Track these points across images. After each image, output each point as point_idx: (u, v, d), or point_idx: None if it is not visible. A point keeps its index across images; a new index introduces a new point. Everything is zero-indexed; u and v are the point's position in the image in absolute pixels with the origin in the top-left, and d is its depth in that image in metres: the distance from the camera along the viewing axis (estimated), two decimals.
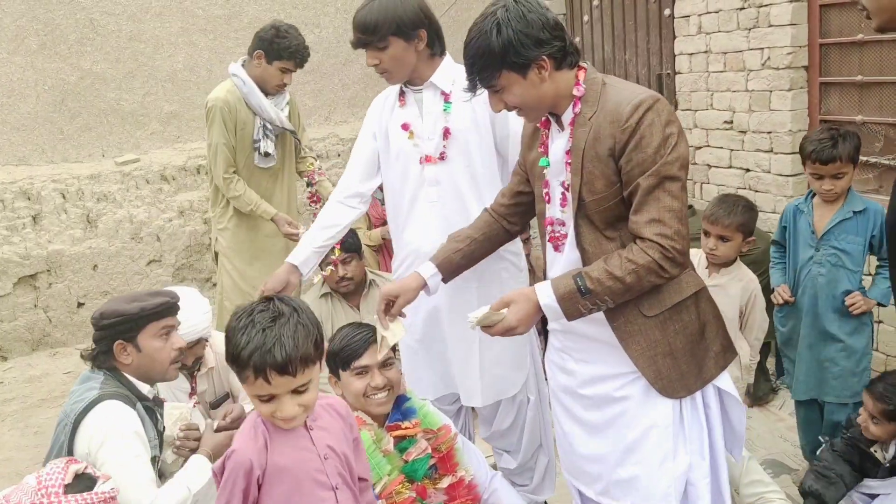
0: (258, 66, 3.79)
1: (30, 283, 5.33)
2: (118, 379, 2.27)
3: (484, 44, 1.80)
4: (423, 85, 2.50)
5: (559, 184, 1.95)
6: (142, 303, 2.27)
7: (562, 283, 1.86)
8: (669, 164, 1.77)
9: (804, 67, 3.86)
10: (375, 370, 2.21)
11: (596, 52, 5.56)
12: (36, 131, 5.52)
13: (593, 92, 1.86)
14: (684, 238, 1.81)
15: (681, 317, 1.92)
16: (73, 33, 5.49)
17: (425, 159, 2.50)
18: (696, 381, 1.95)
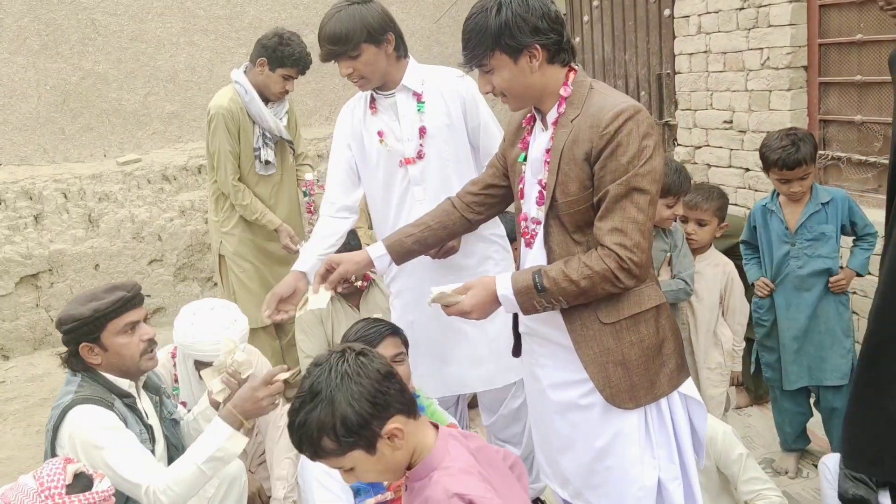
0: (260, 73, 3.79)
1: (32, 282, 5.35)
2: (95, 379, 2.27)
3: (481, 21, 1.82)
4: (395, 89, 2.56)
5: (536, 181, 1.96)
6: (97, 302, 2.24)
7: (521, 277, 1.89)
8: (641, 175, 1.78)
9: (803, 67, 3.88)
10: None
11: (596, 51, 5.57)
12: (38, 131, 5.53)
13: (579, 94, 1.88)
14: (644, 251, 1.82)
15: (638, 328, 1.92)
16: (75, 33, 5.50)
17: (405, 161, 2.55)
18: (647, 396, 1.93)
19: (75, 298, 2.34)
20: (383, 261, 2.25)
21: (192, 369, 2.91)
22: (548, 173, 1.91)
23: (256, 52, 3.79)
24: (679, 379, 2.00)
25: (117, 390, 2.28)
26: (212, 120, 3.79)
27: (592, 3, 5.50)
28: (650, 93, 5.08)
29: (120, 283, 2.36)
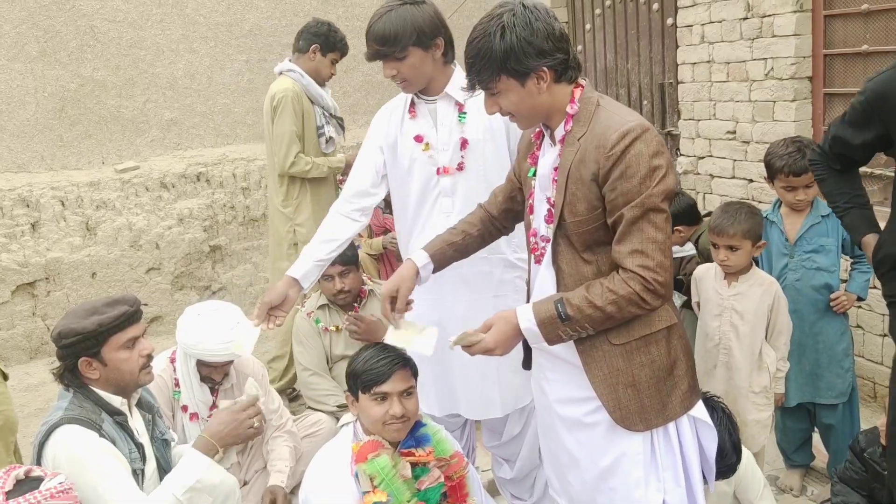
0: (312, 59, 4.04)
1: (28, 290, 5.30)
2: (87, 396, 2.21)
3: (486, 46, 1.77)
4: (437, 96, 2.49)
5: (545, 198, 1.93)
6: (100, 316, 2.19)
7: (542, 307, 1.84)
8: (655, 195, 1.75)
9: (808, 78, 3.84)
10: (395, 398, 2.19)
11: (598, 60, 5.54)
12: (35, 138, 5.50)
13: (586, 112, 1.84)
14: (667, 270, 1.79)
15: (649, 349, 1.88)
16: (74, 40, 5.47)
17: (443, 170, 2.49)
18: (658, 418, 1.90)
19: (73, 311, 2.29)
20: (428, 269, 2.23)
21: (193, 370, 2.90)
22: (556, 192, 1.88)
23: (307, 40, 4.04)
24: (692, 401, 1.96)
25: (109, 408, 2.23)
26: (279, 103, 3.94)
27: (595, 11, 5.47)
28: (653, 102, 5.05)
29: (120, 296, 2.31)
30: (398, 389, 2.19)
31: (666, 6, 4.75)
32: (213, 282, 5.86)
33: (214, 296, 5.83)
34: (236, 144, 6.03)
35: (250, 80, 5.97)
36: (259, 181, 5.84)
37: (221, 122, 5.97)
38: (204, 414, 2.93)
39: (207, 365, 2.85)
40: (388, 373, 2.19)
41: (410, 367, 2.29)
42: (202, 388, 2.91)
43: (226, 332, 2.73)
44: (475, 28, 1.82)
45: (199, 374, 2.90)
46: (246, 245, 5.90)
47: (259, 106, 6.01)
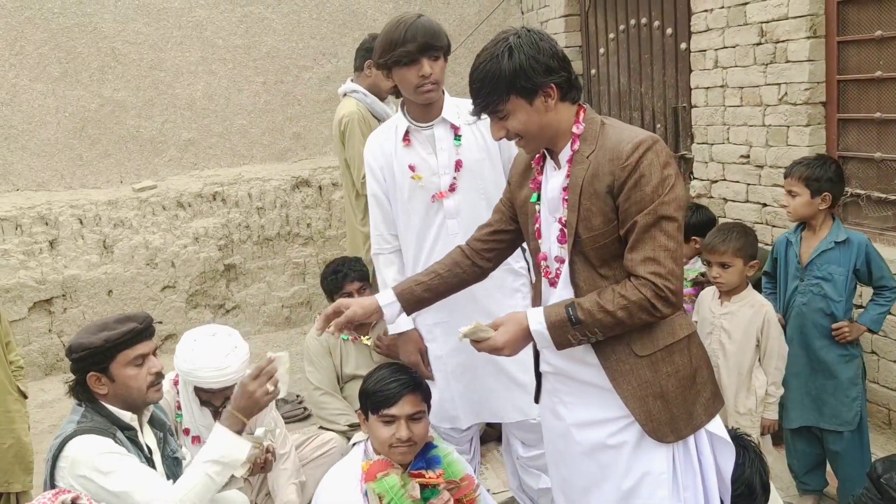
0: (369, 75, 4.04)
1: (45, 307, 5.36)
2: (98, 411, 2.24)
3: (493, 67, 1.81)
4: (433, 121, 2.56)
5: (556, 220, 1.95)
6: (109, 332, 2.22)
7: (553, 311, 1.87)
8: (667, 203, 1.79)
9: (822, 103, 3.84)
10: (403, 422, 2.21)
11: (612, 84, 5.57)
12: (56, 157, 5.59)
13: (592, 131, 1.88)
14: (678, 278, 1.82)
15: (673, 359, 1.91)
16: (95, 61, 5.57)
17: (438, 195, 2.55)
18: (686, 427, 1.92)
19: (87, 327, 2.33)
20: (393, 309, 2.19)
21: (192, 395, 2.90)
22: (568, 211, 1.89)
23: (362, 57, 4.09)
24: (715, 407, 1.99)
25: (120, 423, 2.26)
26: (346, 127, 3.99)
27: (609, 35, 5.51)
28: (666, 126, 5.06)
29: (132, 313, 2.34)
30: (406, 413, 2.20)
31: (679, 31, 4.78)
32: (227, 300, 5.90)
33: (228, 314, 5.87)
34: (252, 164, 6.09)
35: (267, 102, 6.05)
36: (274, 200, 5.89)
37: (238, 143, 6.04)
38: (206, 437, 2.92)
39: (205, 390, 2.85)
40: (398, 396, 2.21)
41: (422, 391, 2.29)
42: (203, 412, 2.90)
43: (220, 360, 2.71)
44: (480, 55, 1.86)
45: (198, 398, 2.90)
46: (260, 264, 5.95)
47: (275, 126, 6.09)
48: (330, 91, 6.18)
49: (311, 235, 6.04)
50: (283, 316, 6.04)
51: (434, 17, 6.45)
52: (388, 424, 2.21)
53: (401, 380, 2.25)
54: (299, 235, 6.01)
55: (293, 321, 6.07)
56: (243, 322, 5.87)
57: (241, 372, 2.78)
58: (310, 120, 6.20)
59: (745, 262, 2.98)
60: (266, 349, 5.64)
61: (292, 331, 5.99)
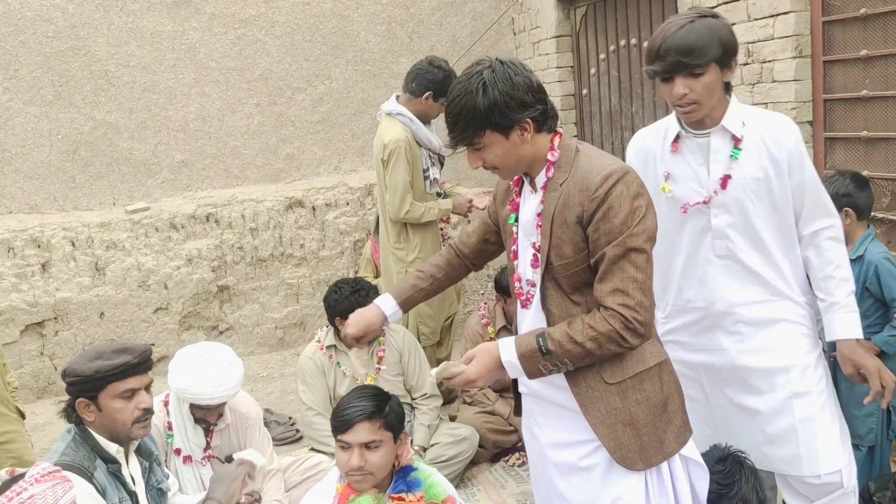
0: (423, 103, 4.06)
1: (37, 330, 5.35)
2: (85, 440, 2.23)
3: (469, 103, 1.82)
4: (712, 128, 2.25)
5: (530, 244, 1.97)
6: (102, 362, 2.22)
7: (524, 341, 1.88)
8: (635, 235, 1.80)
9: (808, 122, 3.88)
10: (356, 450, 2.19)
11: (603, 103, 5.61)
12: (48, 180, 5.59)
13: (566, 158, 1.90)
14: (647, 309, 1.82)
15: (643, 387, 1.91)
16: (88, 84, 5.60)
17: (688, 208, 2.30)
18: (657, 455, 1.92)
19: (85, 352, 2.33)
20: (396, 315, 2.28)
21: (186, 414, 2.90)
22: (541, 237, 1.92)
23: (422, 86, 4.05)
24: (685, 436, 1.98)
25: (104, 454, 2.24)
26: (393, 153, 4.01)
27: (599, 55, 5.56)
28: None
29: (132, 345, 2.32)
30: (359, 441, 2.17)
31: None
32: (221, 322, 5.89)
33: (221, 336, 5.86)
34: (246, 186, 6.11)
35: (260, 123, 6.08)
36: (267, 221, 5.90)
37: (231, 164, 6.06)
38: (198, 456, 2.92)
39: (201, 407, 2.85)
40: (350, 423, 2.17)
41: (383, 418, 2.23)
42: (196, 431, 2.90)
43: (216, 375, 2.74)
44: (454, 87, 1.87)
45: (192, 416, 2.89)
46: (254, 285, 5.94)
47: (269, 148, 6.12)
48: (323, 112, 6.21)
49: (305, 256, 6.05)
50: (277, 337, 6.03)
51: (426, 38, 6.52)
52: (344, 450, 2.20)
53: (359, 406, 2.20)
54: (293, 256, 6.02)
55: (287, 342, 6.06)
56: (237, 343, 5.85)
57: (237, 387, 2.79)
58: (303, 141, 6.23)
59: None
60: (260, 370, 5.64)
61: (286, 352, 5.98)
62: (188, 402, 2.85)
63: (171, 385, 2.80)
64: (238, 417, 3.00)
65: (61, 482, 1.89)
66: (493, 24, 6.47)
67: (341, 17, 6.16)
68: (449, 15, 6.44)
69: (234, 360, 2.83)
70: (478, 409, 4.05)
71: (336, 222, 6.10)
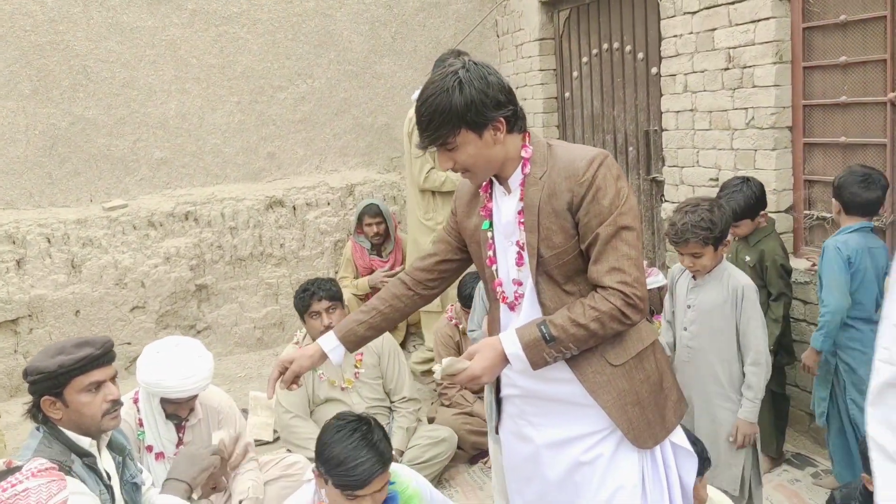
0: None
1: (10, 327, 5.26)
2: (55, 436, 2.19)
3: (444, 101, 1.82)
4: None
5: (512, 243, 1.97)
6: (64, 356, 2.17)
7: (526, 331, 1.88)
8: (624, 214, 1.85)
9: (788, 128, 3.91)
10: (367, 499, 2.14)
11: (585, 106, 5.62)
12: (24, 175, 5.51)
13: (541, 154, 1.93)
14: (643, 284, 1.87)
15: (643, 366, 1.97)
16: (67, 79, 5.53)
17: None
18: (661, 431, 1.98)
19: (45, 349, 2.27)
20: (338, 353, 2.17)
21: (157, 409, 2.86)
22: (526, 232, 1.92)
23: None
24: (682, 409, 2.05)
25: (77, 449, 2.20)
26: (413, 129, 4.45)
27: (582, 59, 5.58)
28: (638, 148, 5.11)
29: (91, 338, 2.28)
30: (373, 490, 2.13)
31: (650, 56, 4.85)
32: (199, 321, 5.83)
33: (199, 335, 5.80)
34: (226, 184, 6.05)
35: (241, 121, 6.03)
36: (247, 220, 5.85)
37: (211, 162, 6.00)
38: (170, 452, 2.89)
39: (172, 402, 2.82)
40: (368, 480, 2.11)
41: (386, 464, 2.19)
42: (167, 426, 2.88)
43: (186, 368, 2.72)
44: (426, 87, 1.86)
45: (164, 412, 2.86)
46: (232, 284, 5.89)
47: (249, 146, 6.07)
48: (304, 111, 6.18)
49: (285, 256, 6.00)
50: (256, 337, 5.98)
51: (410, 39, 6.54)
52: (352, 500, 2.14)
53: (370, 459, 2.11)
54: (272, 256, 5.97)
55: (265, 342, 6.01)
56: (215, 343, 5.80)
57: (207, 380, 2.77)
58: (284, 140, 6.19)
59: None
60: (238, 371, 5.59)
61: (264, 352, 5.93)
62: (158, 397, 2.82)
63: (141, 380, 2.77)
64: (209, 412, 2.97)
65: (57, 480, 1.87)
66: (477, 25, 6.47)
67: (324, 16, 6.13)
68: (433, 16, 6.43)
69: (204, 354, 2.80)
70: (456, 410, 4.04)
71: (317, 222, 6.06)
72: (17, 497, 1.79)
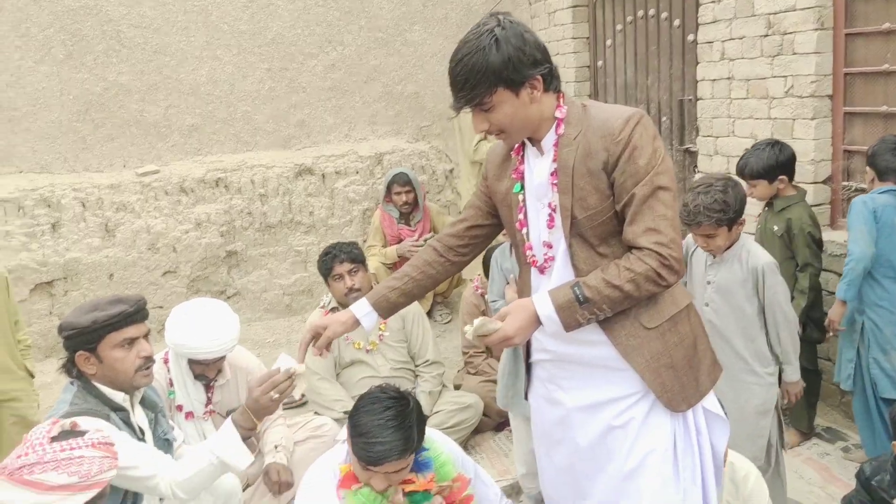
0: None
1: (46, 289, 5.36)
2: (90, 391, 2.24)
3: (480, 59, 1.77)
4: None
5: (545, 205, 1.93)
6: (99, 313, 2.21)
7: (559, 293, 1.85)
8: (660, 174, 1.80)
9: (828, 96, 3.81)
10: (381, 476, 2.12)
11: (618, 75, 5.53)
12: (59, 140, 5.58)
13: (575, 114, 1.89)
14: (679, 245, 1.83)
15: (678, 329, 1.93)
16: (100, 44, 5.56)
17: None
18: (695, 395, 1.95)
19: (80, 306, 2.32)
20: (370, 319, 2.16)
21: (186, 369, 2.90)
22: (559, 194, 1.88)
23: None
24: (716, 373, 2.02)
25: (111, 403, 2.24)
26: None
27: (616, 27, 5.47)
28: (671, 118, 5.03)
29: (125, 295, 2.32)
30: (387, 471, 2.11)
31: (687, 22, 4.74)
32: (229, 287, 5.90)
33: (229, 300, 5.86)
34: (256, 151, 6.08)
35: (272, 88, 6.03)
36: (277, 188, 5.87)
37: (242, 129, 6.02)
38: (199, 412, 2.93)
39: (199, 363, 2.85)
40: (381, 461, 2.07)
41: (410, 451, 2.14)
42: (196, 387, 2.91)
43: (213, 330, 2.74)
44: (462, 47, 1.81)
45: (192, 372, 2.90)
46: (262, 251, 5.94)
47: (279, 114, 6.08)
48: (334, 79, 6.16)
49: (314, 224, 6.03)
50: (284, 304, 6.03)
51: (441, 6, 6.47)
52: (366, 471, 2.13)
53: (390, 443, 2.06)
54: (301, 223, 6.00)
55: (294, 309, 6.06)
56: (244, 309, 5.86)
57: (233, 342, 2.80)
58: (314, 108, 6.19)
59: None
60: (267, 336, 5.65)
61: (293, 318, 5.98)
62: (186, 358, 2.86)
63: (168, 340, 2.81)
64: (238, 373, 3.00)
65: (111, 458, 1.89)
66: None
67: None
68: None
69: (230, 316, 2.83)
70: (482, 378, 4.04)
71: (345, 190, 6.07)
72: (71, 461, 1.81)
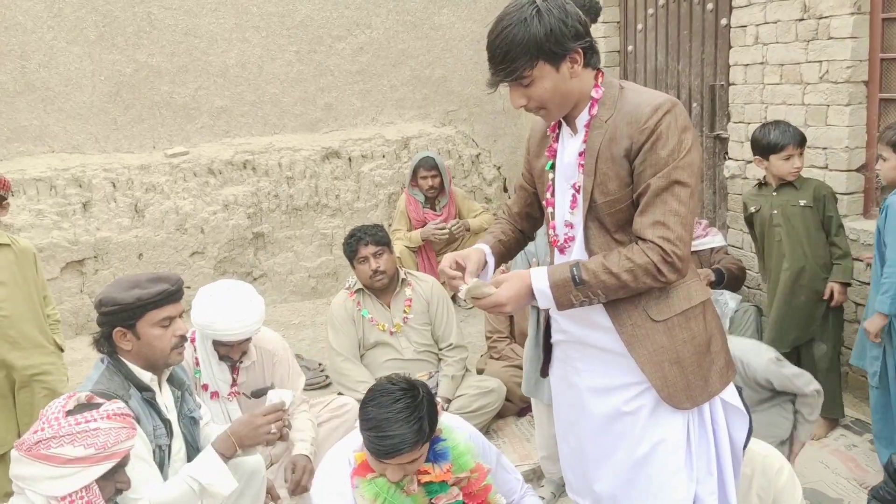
0: None
1: (77, 268, 5.45)
2: (118, 369, 2.26)
3: (521, 31, 1.73)
4: None
5: (570, 186, 1.91)
6: (141, 290, 2.24)
7: (557, 270, 1.83)
8: (681, 168, 1.75)
9: (864, 82, 3.72)
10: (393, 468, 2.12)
11: (649, 61, 5.46)
12: (90, 120, 5.65)
13: (611, 95, 1.85)
14: (686, 244, 1.78)
15: (689, 325, 1.88)
16: (131, 26, 5.61)
17: None
18: (702, 394, 1.90)
19: (118, 281, 2.35)
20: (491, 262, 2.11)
21: (211, 351, 2.93)
22: (583, 175, 1.86)
23: None
24: (728, 375, 1.97)
25: (138, 382, 2.27)
26: None
27: (647, 11, 5.39)
28: (702, 104, 4.95)
29: (164, 274, 2.35)
30: (400, 462, 2.10)
31: (720, 6, 4.66)
32: (255, 268, 5.95)
33: (255, 282, 5.92)
34: (283, 134, 6.10)
35: (300, 71, 6.05)
36: (304, 171, 5.90)
37: (270, 112, 6.05)
38: (224, 392, 2.96)
39: (223, 344, 2.88)
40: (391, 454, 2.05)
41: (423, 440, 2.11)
42: (221, 367, 2.94)
43: (238, 312, 2.75)
44: (502, 19, 1.77)
45: (217, 353, 2.92)
46: (288, 234, 5.97)
47: (307, 97, 6.10)
48: (362, 63, 6.15)
49: (340, 207, 6.05)
50: (310, 286, 6.07)
51: None
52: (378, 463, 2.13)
53: (400, 436, 2.03)
54: (328, 206, 6.03)
55: (319, 291, 6.10)
56: (270, 291, 5.91)
57: (258, 324, 2.81)
58: (341, 91, 6.19)
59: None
60: (292, 318, 5.69)
61: (318, 301, 6.02)
62: (210, 339, 2.88)
63: (194, 321, 2.83)
64: (264, 354, 3.03)
65: (128, 428, 1.91)
66: None
67: None
68: None
69: (255, 298, 2.84)
70: (505, 363, 4.04)
71: (371, 174, 6.08)
72: (87, 434, 1.84)
